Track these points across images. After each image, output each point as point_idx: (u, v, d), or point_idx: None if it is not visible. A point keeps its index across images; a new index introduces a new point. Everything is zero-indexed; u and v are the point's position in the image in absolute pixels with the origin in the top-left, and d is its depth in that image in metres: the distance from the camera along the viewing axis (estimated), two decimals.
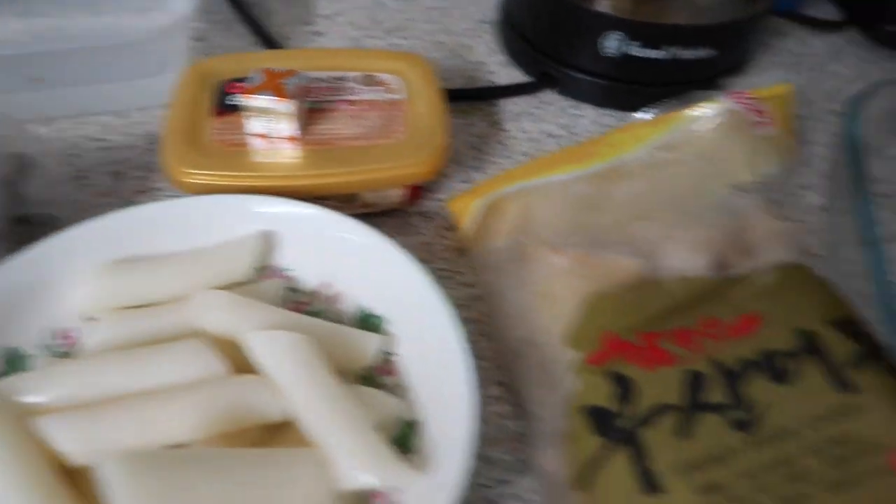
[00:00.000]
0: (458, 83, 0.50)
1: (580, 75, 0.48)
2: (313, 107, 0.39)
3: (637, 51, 0.45)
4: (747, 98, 0.31)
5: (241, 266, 0.32)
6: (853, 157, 0.36)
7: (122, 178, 0.41)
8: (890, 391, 0.22)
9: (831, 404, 0.22)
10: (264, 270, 0.34)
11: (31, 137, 0.39)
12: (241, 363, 0.28)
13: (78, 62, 0.42)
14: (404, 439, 0.29)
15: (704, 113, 0.31)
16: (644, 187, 0.31)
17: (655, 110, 0.36)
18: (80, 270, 0.31)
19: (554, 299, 0.29)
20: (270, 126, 0.37)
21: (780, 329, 0.24)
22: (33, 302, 0.30)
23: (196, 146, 0.36)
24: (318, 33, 0.53)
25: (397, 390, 0.30)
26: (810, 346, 0.24)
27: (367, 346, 0.31)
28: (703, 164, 0.31)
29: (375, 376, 0.31)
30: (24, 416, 0.25)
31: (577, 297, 0.28)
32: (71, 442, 0.25)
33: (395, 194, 0.39)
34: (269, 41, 0.50)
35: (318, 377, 0.27)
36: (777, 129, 0.30)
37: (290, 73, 0.37)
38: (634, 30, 0.44)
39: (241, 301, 0.30)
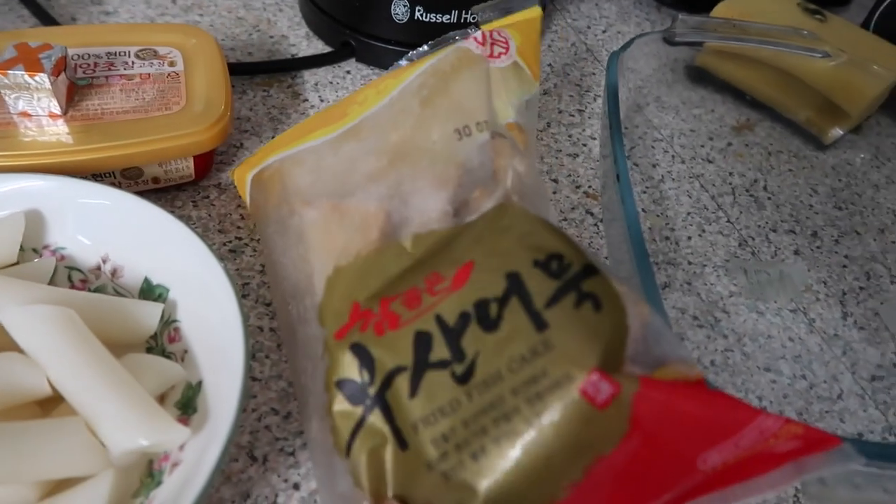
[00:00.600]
0: (259, 57, 0.50)
1: (376, 43, 0.49)
2: (82, 83, 0.38)
3: (424, 15, 0.47)
4: (490, 32, 0.32)
5: (5, 248, 0.31)
6: (610, 104, 0.39)
7: None
8: (578, 324, 0.23)
9: (529, 344, 0.23)
10: (37, 251, 0.32)
11: None
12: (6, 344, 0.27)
13: None
14: (188, 401, 0.28)
15: (444, 55, 0.32)
16: (380, 141, 0.32)
17: (408, 60, 0.37)
18: None
19: (310, 253, 0.30)
20: (31, 103, 0.35)
21: (489, 275, 0.24)
22: None
23: None
24: (108, 13, 0.51)
25: (183, 355, 0.30)
26: (514, 289, 0.24)
27: (150, 315, 0.30)
28: (434, 109, 0.31)
29: (163, 344, 0.31)
30: None
31: (330, 249, 0.29)
32: None
33: (183, 166, 0.38)
34: (48, 20, 0.48)
35: (83, 348, 0.26)
36: (518, 58, 0.32)
37: (46, 47, 0.35)
38: None
39: (2, 281, 0.29)
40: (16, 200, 0.32)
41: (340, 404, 0.25)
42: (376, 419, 0.24)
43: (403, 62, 0.36)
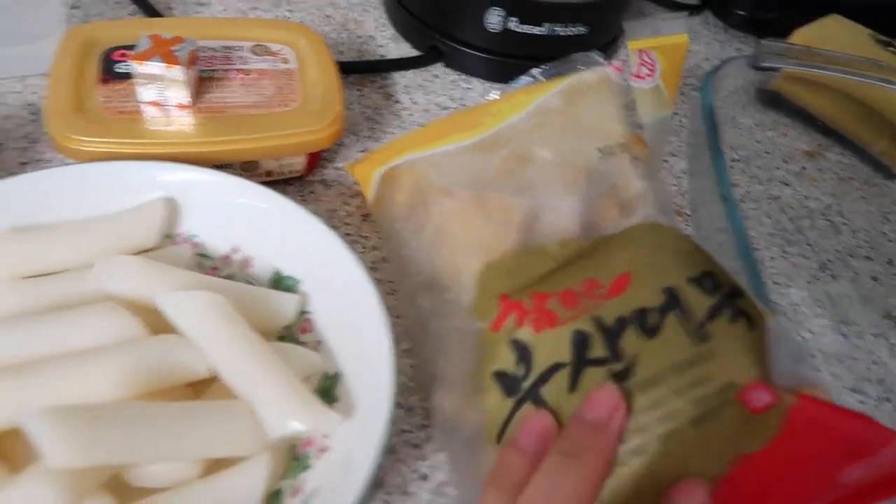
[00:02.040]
0: (348, 56, 0.51)
1: (466, 49, 0.50)
2: (205, 75, 0.39)
3: (518, 26, 0.48)
4: (639, 52, 0.34)
5: (147, 233, 0.32)
6: (709, 125, 0.40)
7: (2, 149, 0.39)
8: (736, 338, 0.25)
9: (690, 352, 0.25)
10: (171, 238, 0.34)
11: None
12: (155, 326, 0.28)
13: None
14: (326, 391, 0.30)
15: (580, 77, 0.34)
16: (524, 144, 0.33)
17: (534, 77, 0.39)
18: None
19: (449, 238, 0.31)
20: (162, 94, 0.36)
21: (647, 287, 0.27)
22: None
23: (83, 114, 0.35)
24: (203, 3, 0.52)
25: (316, 346, 0.31)
26: (673, 302, 0.26)
27: (285, 305, 0.31)
28: (574, 127, 0.33)
29: (295, 334, 0.32)
30: None
31: (474, 242, 0.31)
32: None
33: (295, 162, 0.40)
34: (150, 10, 0.49)
35: (237, 333, 0.28)
36: (660, 81, 0.33)
37: (178, 39, 0.37)
38: (515, 7, 0.47)
39: (151, 265, 0.30)
40: (151, 187, 0.34)
41: (495, 394, 0.27)
42: (528, 411, 0.26)
43: (526, 79, 0.37)
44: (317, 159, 0.41)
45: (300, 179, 0.41)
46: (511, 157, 0.33)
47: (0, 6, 0.40)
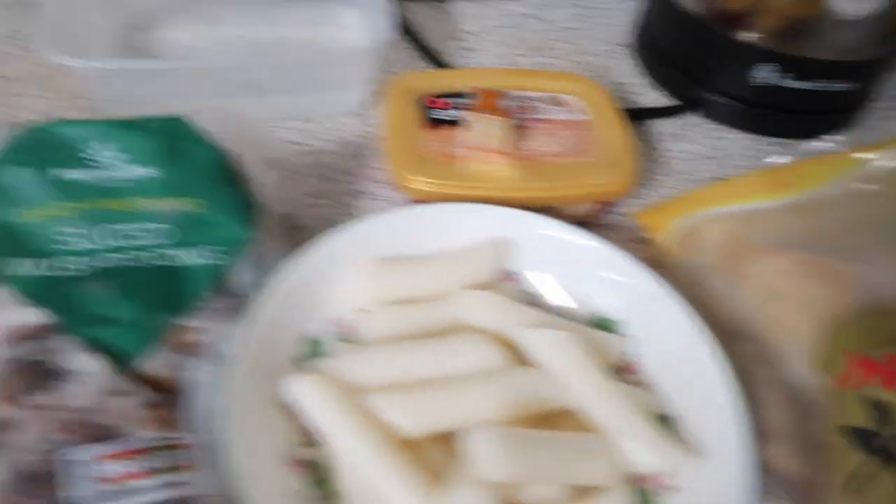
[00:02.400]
0: None
1: (727, 101, 0.51)
2: (515, 124, 0.43)
3: (788, 82, 0.49)
4: None
5: (485, 269, 0.36)
6: None
7: (329, 181, 0.45)
8: None
9: None
10: (499, 274, 0.37)
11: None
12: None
13: (290, 74, 0.45)
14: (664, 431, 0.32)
15: None
16: (848, 216, 0.35)
17: (838, 141, 0.40)
18: (348, 267, 0.35)
19: (779, 295, 0.33)
20: (485, 141, 0.40)
21: None
22: (317, 294, 0.34)
23: (417, 156, 0.40)
24: (469, 49, 0.57)
25: (643, 387, 0.33)
26: None
27: (611, 346, 0.34)
28: None
29: (620, 374, 0.34)
30: (353, 392, 0.29)
31: (805, 294, 0.32)
32: (403, 417, 0.29)
33: (587, 207, 0.43)
34: (433, 58, 0.54)
35: (592, 370, 0.31)
36: None
37: (501, 93, 0.41)
38: (789, 63, 0.48)
39: (503, 300, 0.34)
40: (483, 227, 0.37)
41: (843, 449, 0.28)
42: (889, 472, 0.27)
43: (821, 145, 0.39)
44: (609, 206, 0.44)
45: (586, 223, 0.44)
46: (836, 225, 0.34)
47: (318, 61, 0.46)
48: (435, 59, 0.54)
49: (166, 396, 0.30)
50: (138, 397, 0.29)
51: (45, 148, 0.32)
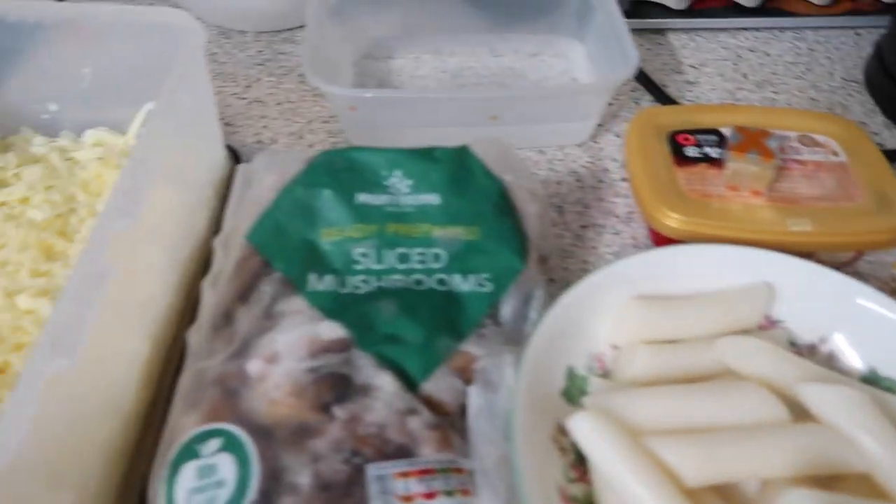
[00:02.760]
0: None
1: None
2: None
3: None
4: None
5: (752, 314, 0.34)
6: None
7: (562, 212, 0.45)
8: None
9: None
10: (763, 320, 0.36)
11: None
12: None
13: (528, 106, 0.46)
14: None
15: None
16: None
17: None
18: (609, 303, 0.34)
19: None
20: (746, 181, 0.39)
21: None
22: (580, 329, 0.34)
23: (669, 192, 0.39)
24: (691, 83, 0.56)
25: None
26: None
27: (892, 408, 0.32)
28: None
29: None
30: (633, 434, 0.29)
31: None
32: (687, 464, 0.28)
33: (847, 255, 0.40)
34: (657, 91, 0.53)
35: (892, 434, 0.28)
36: None
37: (765, 133, 0.39)
38: None
39: (777, 350, 0.32)
40: (742, 270, 0.36)
41: None
42: None
43: None
44: (862, 253, 0.41)
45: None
46: None
47: (541, 97, 0.46)
48: (659, 93, 0.53)
49: (444, 419, 0.31)
50: (424, 418, 0.30)
51: (341, 172, 0.34)
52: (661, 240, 0.40)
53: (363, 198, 0.34)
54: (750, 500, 0.30)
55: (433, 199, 0.34)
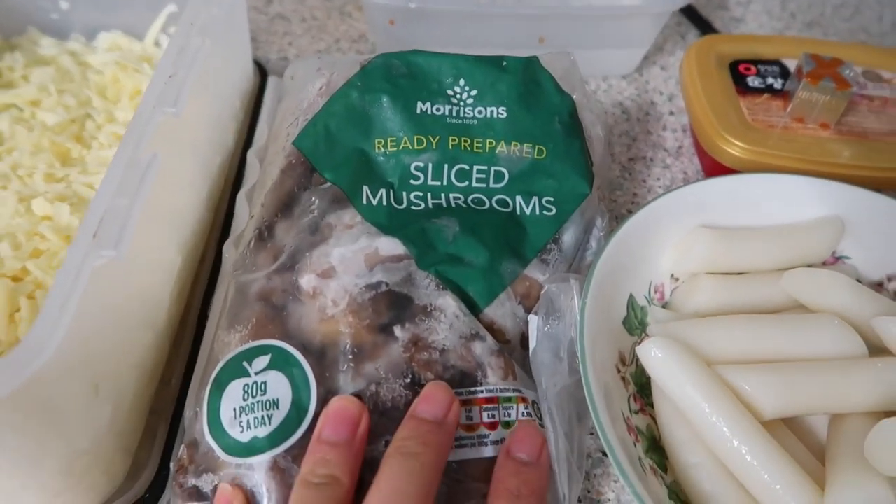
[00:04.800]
0: None
1: None
2: None
3: None
4: None
5: (822, 248, 0.33)
6: None
7: (610, 144, 0.43)
8: None
9: None
10: (831, 255, 0.34)
11: None
12: None
13: (578, 29, 0.43)
14: None
15: None
16: None
17: None
18: (673, 232, 0.32)
19: None
20: (815, 112, 0.37)
21: None
22: (642, 257, 0.32)
23: (732, 122, 0.37)
24: (737, 19, 0.53)
25: None
26: None
27: None
28: None
29: None
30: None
31: None
32: (766, 396, 0.26)
33: None
34: (704, 25, 0.50)
35: None
36: None
37: (839, 62, 0.37)
38: None
39: (852, 283, 0.30)
40: (813, 203, 0.34)
41: None
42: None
43: None
44: None
45: None
46: None
47: (594, 17, 0.43)
48: (706, 27, 0.50)
49: (505, 346, 0.29)
50: (488, 344, 0.28)
51: (400, 77, 0.31)
52: (718, 171, 0.38)
53: (423, 106, 0.31)
54: (815, 431, 0.29)
55: (500, 112, 0.31)
